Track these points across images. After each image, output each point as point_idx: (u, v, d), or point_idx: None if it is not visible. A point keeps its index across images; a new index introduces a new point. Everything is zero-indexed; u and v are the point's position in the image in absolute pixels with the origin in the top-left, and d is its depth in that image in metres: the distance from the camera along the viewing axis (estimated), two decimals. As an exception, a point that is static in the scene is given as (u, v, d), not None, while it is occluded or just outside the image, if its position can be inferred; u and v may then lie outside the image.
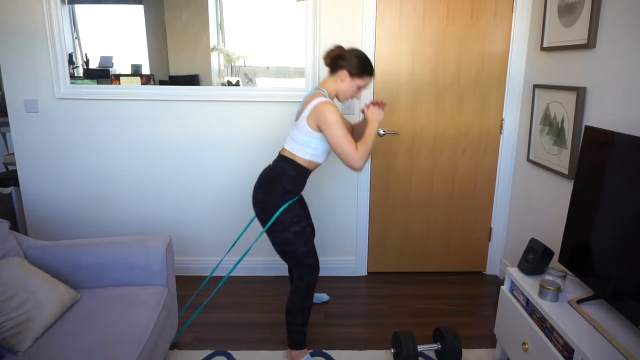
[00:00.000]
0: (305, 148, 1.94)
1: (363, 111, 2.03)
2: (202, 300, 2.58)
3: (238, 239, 2.40)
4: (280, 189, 1.93)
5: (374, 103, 2.00)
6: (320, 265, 2.91)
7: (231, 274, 2.93)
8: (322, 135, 1.90)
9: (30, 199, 2.85)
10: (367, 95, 2.70)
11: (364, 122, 2.13)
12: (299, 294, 1.98)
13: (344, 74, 1.95)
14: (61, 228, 2.90)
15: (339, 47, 1.99)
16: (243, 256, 2.25)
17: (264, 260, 2.95)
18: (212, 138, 2.78)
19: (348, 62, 1.94)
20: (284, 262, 2.89)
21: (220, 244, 2.94)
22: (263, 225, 1.97)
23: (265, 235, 2.10)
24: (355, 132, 2.19)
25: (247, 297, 2.71)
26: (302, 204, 2.27)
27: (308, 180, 2.08)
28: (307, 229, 1.97)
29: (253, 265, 2.94)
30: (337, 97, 2.03)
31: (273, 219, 1.91)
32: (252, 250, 2.79)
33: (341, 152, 1.85)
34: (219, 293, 2.72)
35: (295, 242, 1.93)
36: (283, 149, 2.01)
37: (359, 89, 2.00)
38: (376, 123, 1.95)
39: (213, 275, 2.85)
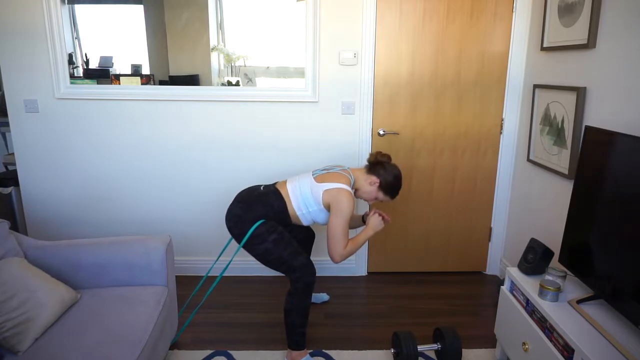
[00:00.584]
0: (303, 206, 2.02)
1: (366, 215, 2.16)
2: (200, 301, 2.57)
3: (229, 242, 2.40)
4: (261, 213, 1.98)
5: (381, 214, 2.10)
6: (321, 266, 2.92)
7: (232, 274, 2.93)
8: (326, 211, 1.99)
9: (30, 199, 2.85)
10: (367, 94, 2.70)
11: (358, 217, 2.29)
12: (297, 295, 1.98)
13: (375, 181, 2.07)
14: (61, 228, 2.90)
15: (388, 156, 2.12)
16: (233, 256, 2.28)
17: (264, 260, 2.95)
18: (212, 138, 2.78)
19: (384, 175, 2.06)
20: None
21: (220, 244, 2.94)
22: (238, 240, 1.99)
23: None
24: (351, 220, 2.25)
25: (247, 297, 2.71)
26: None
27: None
28: (284, 234, 1.99)
29: (253, 265, 2.94)
30: (356, 191, 2.13)
31: (249, 232, 1.94)
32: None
33: (333, 241, 1.94)
34: (219, 293, 2.72)
35: (277, 249, 1.95)
36: (283, 186, 2.07)
37: (377, 199, 2.12)
38: (373, 232, 2.06)
39: (213, 274, 2.85)
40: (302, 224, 2.09)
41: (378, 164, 2.10)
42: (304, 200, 2.01)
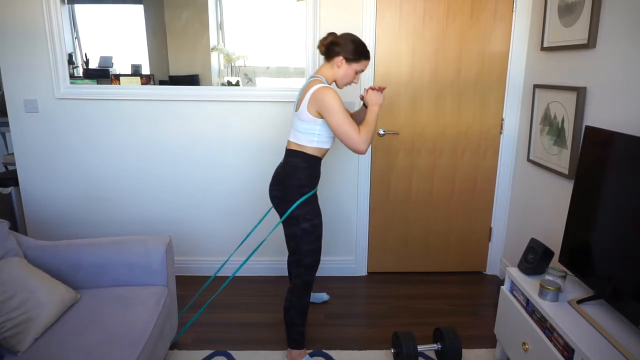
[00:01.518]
0: (310, 136, 1.92)
1: (362, 97, 2.03)
2: (202, 301, 2.57)
3: (245, 239, 2.40)
4: (295, 183, 1.92)
5: (373, 88, 1.99)
6: (321, 265, 2.92)
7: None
8: (324, 122, 1.88)
9: (30, 199, 2.85)
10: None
11: (363, 110, 2.13)
12: (295, 292, 1.98)
13: (339, 60, 1.93)
14: (61, 228, 2.90)
15: (332, 34, 1.98)
16: (248, 258, 2.24)
17: (264, 261, 2.95)
18: (212, 138, 2.78)
19: (343, 48, 1.92)
20: (284, 262, 2.90)
21: (220, 244, 2.94)
22: (280, 217, 1.99)
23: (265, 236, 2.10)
24: (356, 120, 2.18)
25: (247, 297, 2.71)
26: None
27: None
28: (317, 228, 1.96)
29: (253, 265, 2.93)
30: (335, 83, 2.01)
31: (287, 213, 1.92)
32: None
33: (344, 136, 1.84)
34: (220, 293, 2.71)
35: (302, 239, 1.94)
36: (289, 142, 1.99)
37: (357, 73, 1.98)
38: (376, 107, 1.94)
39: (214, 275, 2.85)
40: (328, 149, 2.00)
41: (330, 45, 1.95)
42: (305, 132, 1.92)
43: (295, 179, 1.92)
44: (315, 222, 1.95)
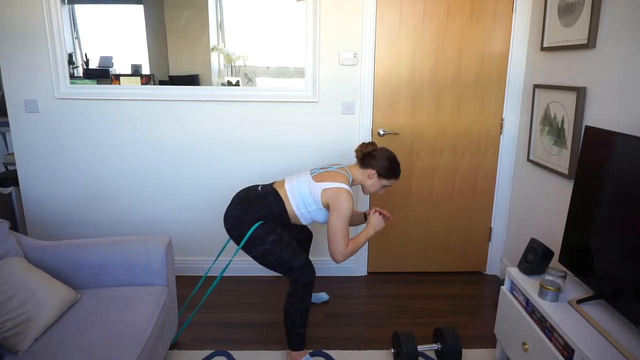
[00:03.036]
0: (302, 206, 2.00)
1: (367, 214, 2.14)
2: (205, 301, 2.57)
3: (227, 242, 2.39)
4: (259, 213, 1.97)
5: (381, 212, 2.10)
6: (321, 266, 2.92)
7: (232, 274, 2.93)
8: (325, 211, 1.98)
9: (30, 199, 2.85)
10: (367, 94, 2.70)
11: (359, 214, 2.27)
12: (296, 295, 1.97)
13: (372, 173, 2.05)
14: (61, 228, 2.90)
15: (372, 144, 2.09)
16: (233, 256, 2.28)
17: (264, 260, 2.95)
18: (212, 138, 2.78)
19: (378, 163, 2.04)
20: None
21: (220, 244, 2.94)
22: (237, 242, 1.99)
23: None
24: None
25: (247, 297, 2.71)
26: None
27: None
28: (283, 235, 1.98)
29: (253, 265, 2.93)
30: (361, 188, 2.13)
31: (248, 235, 1.93)
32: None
33: (334, 240, 1.93)
34: (220, 293, 2.72)
35: (276, 250, 1.94)
36: (281, 186, 2.05)
37: (384, 187, 2.10)
38: (374, 231, 2.05)
39: (212, 274, 2.85)
40: (301, 223, 2.09)
41: (367, 156, 2.07)
42: (302, 200, 2.00)
43: (261, 212, 1.97)
44: (278, 231, 1.97)
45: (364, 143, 2.12)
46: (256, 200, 2.00)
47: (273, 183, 2.12)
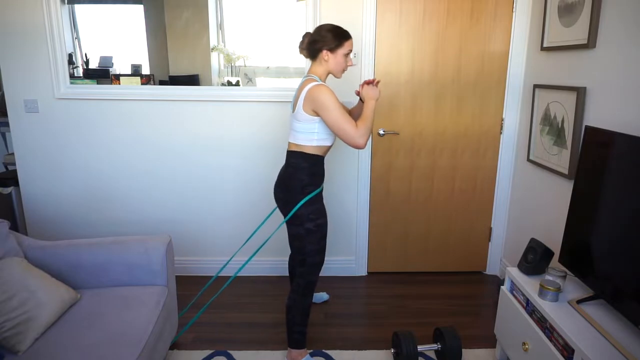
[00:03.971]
0: (309, 135, 1.92)
1: (358, 93, 2.03)
2: (203, 301, 2.57)
3: (250, 237, 2.40)
4: (298, 184, 1.92)
5: (368, 82, 1.99)
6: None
7: (231, 274, 2.93)
8: (322, 119, 1.88)
9: (30, 199, 2.85)
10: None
11: (360, 105, 2.13)
12: (298, 291, 1.98)
13: (325, 54, 1.93)
14: (61, 228, 2.90)
15: (306, 34, 2.00)
16: (250, 258, 2.25)
17: (265, 261, 2.95)
18: (212, 138, 2.78)
19: (322, 41, 1.92)
20: (285, 263, 2.90)
21: (221, 244, 2.94)
22: (285, 217, 1.99)
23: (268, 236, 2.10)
24: (354, 117, 2.17)
25: (248, 297, 2.71)
26: None
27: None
28: (322, 228, 1.95)
29: (253, 265, 2.93)
30: (333, 75, 2.01)
31: (291, 213, 1.92)
32: (253, 251, 2.79)
33: (342, 132, 1.84)
34: (220, 293, 2.71)
35: (306, 239, 1.93)
36: (289, 144, 2.00)
37: (347, 56, 1.98)
38: (373, 101, 1.94)
39: (216, 275, 2.85)
40: (330, 145, 2.00)
41: (310, 44, 1.96)
42: (304, 132, 1.92)
43: (297, 180, 1.92)
44: (320, 221, 1.94)
45: (300, 41, 2.01)
46: (287, 172, 1.96)
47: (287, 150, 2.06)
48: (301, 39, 2.01)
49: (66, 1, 2.95)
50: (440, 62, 2.69)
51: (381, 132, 2.78)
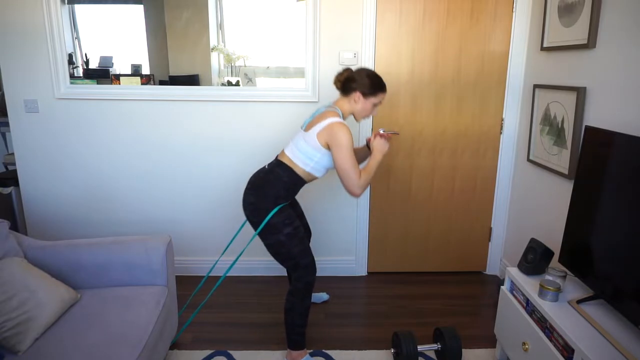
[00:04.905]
0: (307, 160, 1.95)
1: (369, 141, 2.07)
2: (200, 301, 2.57)
3: (232, 240, 2.40)
4: (273, 194, 1.94)
5: (382, 135, 2.03)
6: (320, 265, 2.92)
7: (232, 274, 2.93)
8: (329, 153, 1.92)
9: (30, 199, 2.85)
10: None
11: (363, 149, 2.19)
12: (297, 294, 1.98)
13: (357, 95, 1.97)
14: (61, 228, 2.90)
15: (347, 70, 2.02)
16: (238, 257, 2.26)
17: (264, 260, 2.95)
18: (212, 138, 2.78)
19: (359, 83, 1.96)
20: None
21: (220, 244, 2.94)
22: (255, 228, 1.98)
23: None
24: (357, 156, 2.19)
25: (247, 297, 2.71)
26: (293, 204, 2.27)
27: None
28: (299, 230, 1.97)
29: (253, 265, 2.94)
30: (353, 117, 2.07)
31: (264, 222, 1.92)
32: (252, 250, 2.78)
33: (345, 176, 1.88)
34: (220, 293, 2.72)
35: (289, 243, 1.93)
36: (283, 154, 2.01)
37: (375, 106, 2.03)
38: (381, 155, 1.99)
39: (213, 275, 2.85)
40: (318, 177, 2.02)
41: (346, 81, 1.99)
42: (305, 154, 1.94)
43: (274, 190, 1.94)
44: (295, 224, 1.96)
45: (339, 72, 2.03)
46: (266, 180, 1.96)
47: (277, 156, 2.07)
48: (340, 71, 2.03)
49: (66, 1, 2.95)
50: (440, 62, 2.69)
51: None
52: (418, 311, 2.58)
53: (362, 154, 2.21)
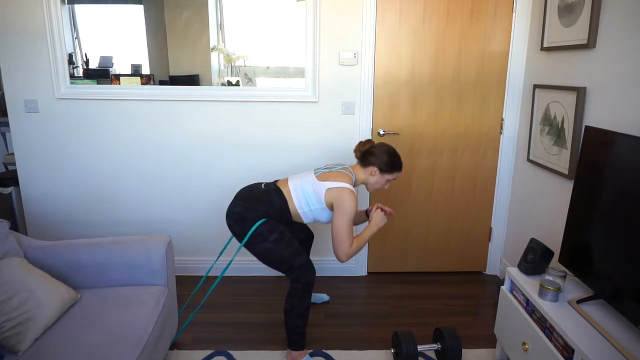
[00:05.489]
0: (304, 204, 2.00)
1: (369, 210, 2.13)
2: (200, 301, 2.57)
3: (227, 243, 2.40)
4: (262, 211, 1.96)
5: (383, 209, 2.08)
6: (321, 266, 2.92)
7: (232, 274, 2.93)
8: (327, 210, 1.98)
9: (30, 199, 2.85)
10: (367, 94, 2.70)
11: (361, 214, 2.25)
12: (296, 295, 1.98)
13: (374, 170, 2.04)
14: (61, 228, 2.90)
15: (369, 142, 2.09)
16: (234, 256, 2.27)
17: (264, 260, 2.95)
18: (211, 138, 2.78)
19: (378, 159, 2.03)
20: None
21: (220, 244, 2.93)
22: (239, 238, 1.99)
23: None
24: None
25: (247, 297, 2.71)
26: None
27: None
28: (285, 234, 1.98)
29: (253, 265, 2.93)
30: (365, 186, 2.13)
31: (251, 231, 1.93)
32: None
33: (339, 240, 1.93)
34: (220, 293, 2.72)
35: (278, 248, 1.94)
36: (284, 184, 2.05)
37: (388, 182, 2.09)
38: (377, 228, 2.04)
39: (212, 274, 2.85)
40: (303, 221, 2.08)
41: (366, 154, 2.07)
42: (305, 198, 1.99)
43: (264, 210, 1.96)
44: (281, 229, 1.97)
45: (361, 142, 2.11)
46: (259, 197, 1.99)
47: (276, 181, 2.11)
48: (362, 141, 2.10)
49: (66, 1, 2.95)
50: (440, 62, 2.69)
51: (381, 132, 2.78)
52: (418, 311, 2.58)
53: (359, 218, 2.27)
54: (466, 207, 2.93)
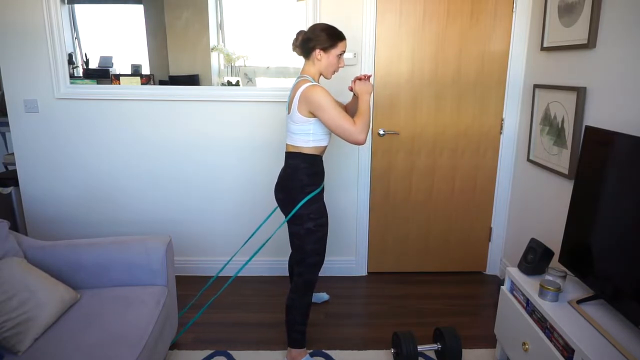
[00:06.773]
0: (305, 137, 1.92)
1: (351, 89, 2.02)
2: (203, 301, 2.57)
3: (250, 237, 2.40)
4: (297, 185, 1.93)
5: (359, 78, 1.99)
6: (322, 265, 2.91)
7: (231, 274, 2.93)
8: (317, 120, 1.88)
9: (30, 199, 2.85)
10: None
11: (355, 100, 2.13)
12: (297, 291, 1.99)
13: (317, 53, 1.93)
14: (61, 228, 2.90)
15: (300, 32, 1.99)
16: (251, 258, 2.24)
17: (265, 261, 2.95)
18: (212, 138, 2.78)
19: (316, 40, 1.91)
20: (284, 263, 2.90)
21: (220, 244, 2.94)
22: (286, 218, 1.99)
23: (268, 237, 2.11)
24: (350, 112, 2.17)
25: (248, 297, 2.71)
26: None
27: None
28: (322, 228, 1.95)
29: (253, 265, 2.93)
30: (323, 76, 2.01)
31: (292, 213, 1.92)
32: (253, 251, 2.79)
33: (340, 130, 1.83)
34: (220, 293, 2.71)
35: (306, 238, 1.93)
36: (287, 145, 2.00)
37: (339, 57, 1.97)
38: (367, 95, 1.94)
39: (208, 275, 2.85)
40: (326, 145, 2.00)
41: (304, 42, 1.95)
42: (300, 133, 1.92)
43: (297, 180, 1.93)
44: (320, 221, 1.94)
45: (293, 38, 2.00)
46: (286, 174, 1.96)
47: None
48: (295, 37, 2.00)
49: (66, 1, 2.95)
50: (440, 63, 2.69)
51: (381, 132, 2.77)
52: (418, 311, 2.58)
53: (354, 104, 2.15)
54: (466, 207, 2.93)
